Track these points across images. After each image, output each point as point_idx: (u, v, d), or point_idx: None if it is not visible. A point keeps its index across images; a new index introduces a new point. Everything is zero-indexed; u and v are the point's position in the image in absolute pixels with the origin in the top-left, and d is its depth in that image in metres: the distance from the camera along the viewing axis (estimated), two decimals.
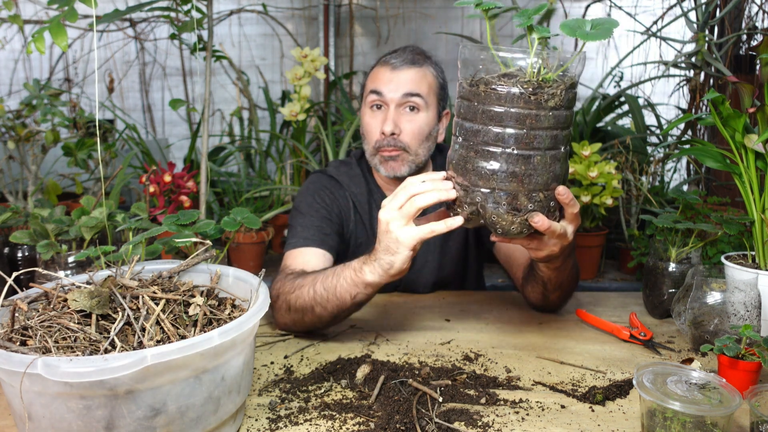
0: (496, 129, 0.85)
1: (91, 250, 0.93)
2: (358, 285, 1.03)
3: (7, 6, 1.47)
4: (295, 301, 1.11)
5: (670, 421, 0.74)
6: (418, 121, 1.30)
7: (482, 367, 1.02)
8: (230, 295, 0.88)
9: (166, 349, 0.63)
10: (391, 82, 1.29)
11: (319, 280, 1.09)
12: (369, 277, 1.01)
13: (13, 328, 0.71)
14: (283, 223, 2.77)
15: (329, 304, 1.07)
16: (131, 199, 2.83)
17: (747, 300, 1.03)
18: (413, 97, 1.29)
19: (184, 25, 1.57)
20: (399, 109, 1.30)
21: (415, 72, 1.30)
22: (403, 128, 1.29)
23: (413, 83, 1.29)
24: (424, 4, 3.51)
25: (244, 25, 3.54)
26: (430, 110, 1.32)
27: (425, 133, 1.32)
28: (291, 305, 1.11)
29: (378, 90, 1.30)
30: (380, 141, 1.30)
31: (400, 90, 1.29)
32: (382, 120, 1.30)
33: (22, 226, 1.37)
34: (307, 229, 1.31)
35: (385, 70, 1.32)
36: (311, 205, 1.36)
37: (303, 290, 1.10)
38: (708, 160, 1.18)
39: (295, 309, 1.11)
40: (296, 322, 1.13)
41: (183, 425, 0.68)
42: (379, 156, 1.32)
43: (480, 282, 1.55)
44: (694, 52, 2.15)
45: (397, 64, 1.31)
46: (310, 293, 1.09)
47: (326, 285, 1.07)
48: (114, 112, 3.00)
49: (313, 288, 1.09)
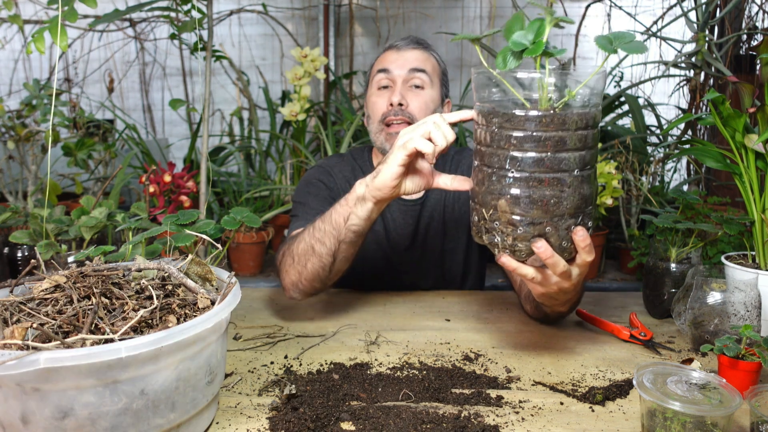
0: (515, 153, 0.81)
1: (91, 250, 0.93)
2: (350, 203, 1.05)
3: (7, 6, 1.47)
4: (297, 247, 1.14)
5: (670, 421, 0.74)
6: (424, 97, 1.35)
7: (482, 367, 1.02)
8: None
9: (60, 354, 0.62)
10: (398, 60, 1.36)
11: (317, 219, 1.13)
12: (358, 189, 1.04)
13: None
14: (283, 223, 2.77)
15: (326, 237, 1.09)
16: (131, 199, 2.83)
17: (747, 300, 1.03)
18: (419, 72, 1.35)
19: (184, 25, 1.57)
20: (405, 86, 1.35)
21: (420, 52, 1.38)
22: (410, 101, 1.34)
23: (418, 61, 1.36)
24: (424, 4, 3.51)
25: (244, 25, 3.54)
26: (435, 89, 1.38)
27: (431, 109, 1.36)
28: (294, 254, 1.14)
29: (385, 68, 1.37)
30: (387, 112, 1.34)
31: (407, 66, 1.35)
32: (390, 95, 1.35)
33: (21, 226, 1.37)
34: (307, 214, 1.34)
35: (391, 51, 1.39)
36: (308, 193, 1.41)
37: (303, 234, 1.14)
38: (708, 160, 1.18)
39: (298, 256, 1.14)
40: (301, 273, 1.15)
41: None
42: (385, 133, 1.35)
43: (481, 282, 1.55)
44: (694, 52, 2.15)
45: (402, 45, 1.39)
46: (309, 233, 1.12)
47: (324, 218, 1.10)
48: (114, 112, 3.00)
49: (313, 227, 1.12)
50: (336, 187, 1.43)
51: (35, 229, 1.19)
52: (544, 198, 0.81)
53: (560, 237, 0.83)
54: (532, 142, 0.80)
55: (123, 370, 0.66)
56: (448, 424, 0.81)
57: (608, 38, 0.79)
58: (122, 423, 0.68)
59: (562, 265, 0.86)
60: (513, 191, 0.82)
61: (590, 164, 0.84)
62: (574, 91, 0.80)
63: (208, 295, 0.82)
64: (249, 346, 1.11)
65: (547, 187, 0.80)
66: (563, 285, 0.91)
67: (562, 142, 0.80)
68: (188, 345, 0.71)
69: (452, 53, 3.52)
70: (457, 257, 1.47)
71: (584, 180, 0.83)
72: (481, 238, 0.88)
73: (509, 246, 0.85)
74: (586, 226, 0.85)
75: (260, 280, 2.45)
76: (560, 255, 0.85)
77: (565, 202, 0.81)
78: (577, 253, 0.86)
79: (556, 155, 0.80)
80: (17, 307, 0.74)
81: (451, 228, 1.45)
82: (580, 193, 0.82)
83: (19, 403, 0.65)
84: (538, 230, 0.82)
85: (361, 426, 0.81)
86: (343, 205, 1.07)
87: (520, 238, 0.83)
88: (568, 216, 0.82)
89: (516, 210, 0.82)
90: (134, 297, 0.78)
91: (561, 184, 0.81)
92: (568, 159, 0.80)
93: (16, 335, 0.66)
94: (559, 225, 0.82)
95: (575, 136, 0.80)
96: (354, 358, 1.05)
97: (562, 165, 0.80)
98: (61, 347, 0.65)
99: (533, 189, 0.81)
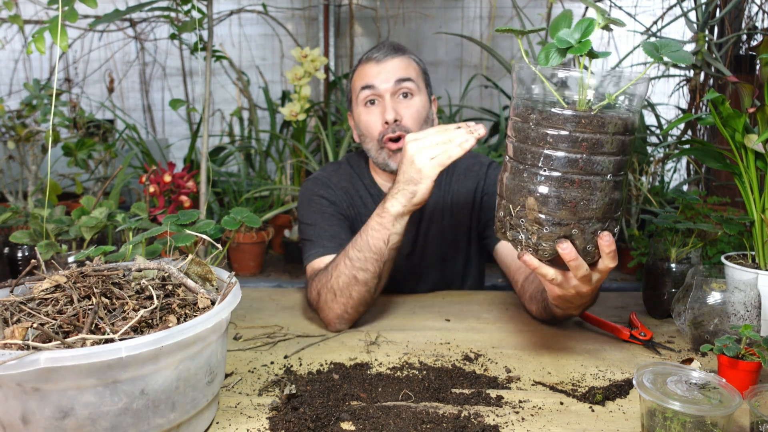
0: (549, 151, 0.80)
1: (91, 250, 0.93)
2: (386, 224, 1.07)
3: (7, 6, 1.47)
4: (337, 282, 1.12)
5: (670, 421, 0.74)
6: (415, 105, 1.32)
7: (482, 367, 1.02)
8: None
9: (61, 354, 0.62)
10: (380, 73, 1.30)
11: (348, 249, 1.12)
12: (394, 209, 1.06)
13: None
14: (282, 223, 2.77)
15: (368, 264, 1.09)
16: (131, 199, 2.83)
17: (747, 300, 1.03)
18: (405, 82, 1.30)
19: (184, 25, 1.57)
20: (394, 98, 1.31)
21: (399, 60, 1.32)
22: (402, 114, 1.30)
23: (401, 70, 1.31)
24: (424, 4, 3.51)
25: (244, 26, 3.54)
26: (422, 94, 1.34)
27: (423, 116, 1.33)
28: (335, 289, 1.13)
29: (369, 84, 1.31)
30: (384, 131, 1.30)
31: (391, 78, 1.30)
32: (381, 112, 1.30)
33: (22, 226, 1.37)
34: (320, 238, 1.31)
35: (371, 65, 1.33)
36: (314, 213, 1.36)
37: (339, 268, 1.12)
38: (708, 160, 1.18)
39: (341, 290, 1.12)
40: (347, 304, 1.14)
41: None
42: (387, 150, 1.32)
43: (481, 282, 1.55)
44: (694, 52, 2.15)
45: (381, 56, 1.32)
46: (347, 264, 1.11)
47: (358, 246, 1.10)
48: (114, 112, 3.00)
49: (347, 258, 1.11)
50: (337, 200, 1.39)
51: (35, 229, 1.19)
52: (573, 199, 0.79)
53: (585, 240, 0.82)
54: (567, 142, 0.78)
55: (123, 370, 0.66)
56: (448, 424, 0.81)
57: (655, 45, 0.78)
58: (122, 423, 0.68)
59: (585, 269, 0.85)
60: (543, 190, 0.80)
61: (623, 170, 0.83)
62: (614, 95, 0.78)
63: (208, 295, 0.82)
64: (249, 346, 1.11)
65: (578, 189, 0.79)
66: (582, 289, 0.91)
67: (599, 145, 0.78)
68: (188, 345, 0.71)
69: (452, 53, 3.52)
70: (457, 261, 1.47)
71: (616, 185, 0.82)
72: (505, 234, 0.88)
73: (533, 245, 0.84)
74: (612, 232, 0.84)
75: (260, 280, 2.45)
76: (583, 258, 0.84)
77: (595, 205, 0.80)
78: (600, 257, 0.85)
79: (591, 157, 0.79)
80: (17, 307, 0.74)
81: (450, 232, 1.44)
82: (611, 197, 0.81)
83: (20, 402, 0.65)
84: (564, 231, 0.81)
85: (361, 426, 0.81)
86: (377, 229, 1.08)
87: (545, 238, 0.82)
88: (596, 220, 0.81)
89: (544, 209, 0.81)
90: (134, 297, 0.78)
91: (592, 187, 0.80)
92: (603, 162, 0.79)
93: (17, 335, 0.67)
94: (586, 228, 0.81)
95: (612, 140, 0.79)
96: (354, 358, 1.05)
97: (596, 168, 0.79)
98: (62, 347, 0.65)
99: (564, 189, 0.79)
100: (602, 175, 0.80)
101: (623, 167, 0.82)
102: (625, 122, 0.79)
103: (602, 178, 0.80)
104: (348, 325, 1.19)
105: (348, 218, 1.39)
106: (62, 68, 3.48)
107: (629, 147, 0.82)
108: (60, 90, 2.64)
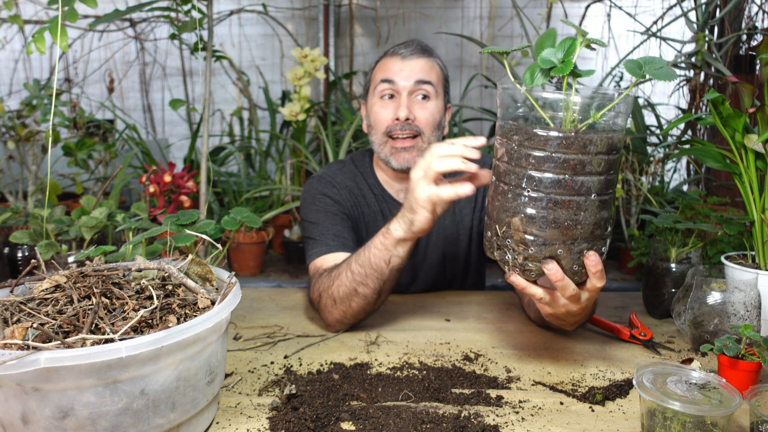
0: (533, 173, 0.79)
1: (91, 250, 0.93)
2: (389, 246, 1.06)
3: (7, 6, 1.47)
4: (338, 291, 1.13)
5: (670, 421, 0.74)
6: (430, 108, 1.32)
7: (482, 367, 1.02)
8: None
9: (61, 354, 0.62)
10: (403, 70, 1.31)
11: (352, 261, 1.12)
12: (396, 233, 1.05)
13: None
14: (283, 223, 2.77)
15: (369, 280, 1.09)
16: (131, 199, 2.83)
17: (747, 300, 1.03)
18: (425, 84, 1.31)
19: (184, 25, 1.57)
20: (411, 97, 1.31)
21: (425, 61, 1.33)
22: (417, 115, 1.30)
23: (424, 71, 1.31)
24: (424, 4, 3.51)
25: (244, 26, 3.54)
26: (439, 99, 1.34)
27: (437, 120, 1.33)
28: (335, 297, 1.13)
29: (389, 79, 1.32)
30: (392, 126, 1.30)
31: (412, 78, 1.30)
32: (395, 107, 1.31)
33: (22, 226, 1.37)
34: (324, 236, 1.31)
35: (395, 59, 1.33)
36: (317, 211, 1.36)
37: (341, 278, 1.13)
38: (708, 160, 1.18)
39: (340, 299, 1.13)
40: (345, 312, 1.14)
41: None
42: (390, 146, 1.32)
43: (481, 282, 1.55)
44: (694, 52, 2.15)
45: (407, 53, 1.33)
46: (348, 276, 1.11)
47: (360, 261, 1.10)
48: (114, 112, 3.00)
49: (350, 270, 1.11)
50: (341, 199, 1.39)
51: (35, 229, 1.19)
52: (559, 220, 0.79)
53: (572, 260, 0.82)
54: (551, 162, 0.78)
55: (123, 370, 0.66)
56: (448, 424, 0.81)
57: (638, 63, 0.77)
58: (122, 423, 0.68)
59: (572, 289, 0.85)
60: (528, 210, 0.80)
61: (610, 188, 0.82)
62: (599, 114, 0.78)
63: (208, 295, 0.82)
64: (249, 346, 1.11)
65: (563, 209, 0.79)
66: (571, 308, 0.91)
67: (583, 165, 0.78)
68: (188, 345, 0.71)
69: (452, 53, 3.52)
70: (458, 261, 1.47)
71: (602, 204, 0.81)
72: (493, 253, 0.88)
73: (520, 265, 0.84)
74: (600, 252, 0.83)
75: (260, 280, 2.45)
76: (571, 278, 0.83)
77: (580, 225, 0.80)
78: (588, 278, 0.85)
79: (575, 178, 0.78)
80: (17, 307, 0.74)
81: (451, 231, 1.44)
82: (597, 217, 0.81)
83: (20, 402, 0.65)
84: (550, 251, 0.81)
85: (361, 426, 0.81)
86: (380, 249, 1.08)
87: (531, 258, 0.82)
88: (581, 240, 0.81)
89: (529, 229, 0.80)
90: (134, 297, 0.78)
91: (577, 207, 0.79)
92: (587, 182, 0.79)
93: (17, 335, 0.67)
94: (572, 248, 0.81)
95: (596, 160, 0.78)
96: (354, 358, 1.05)
97: (581, 188, 0.79)
98: (62, 347, 0.65)
99: (549, 210, 0.79)
100: (587, 195, 0.79)
101: (610, 186, 0.82)
102: (610, 141, 0.79)
103: (587, 198, 0.79)
104: (346, 329, 1.19)
105: (351, 217, 1.39)
106: (62, 68, 3.48)
107: (615, 165, 0.81)
108: (60, 90, 2.64)
